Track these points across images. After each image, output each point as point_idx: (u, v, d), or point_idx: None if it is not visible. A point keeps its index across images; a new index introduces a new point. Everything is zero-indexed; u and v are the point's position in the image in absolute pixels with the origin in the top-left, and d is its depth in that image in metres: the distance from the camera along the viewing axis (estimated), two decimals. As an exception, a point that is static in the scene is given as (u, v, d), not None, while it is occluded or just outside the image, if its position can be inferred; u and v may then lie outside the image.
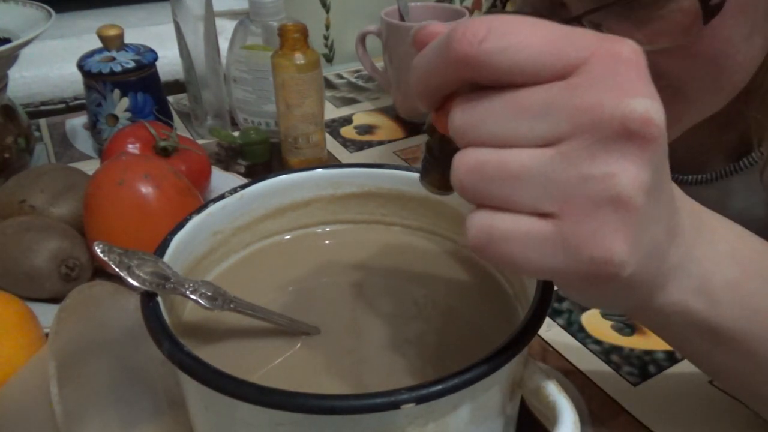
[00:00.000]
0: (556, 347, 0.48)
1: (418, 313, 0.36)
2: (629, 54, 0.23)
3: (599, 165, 0.22)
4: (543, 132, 0.23)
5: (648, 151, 0.22)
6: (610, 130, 0.22)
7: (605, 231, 0.22)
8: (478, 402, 0.28)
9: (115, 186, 0.50)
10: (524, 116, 0.23)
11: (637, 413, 0.43)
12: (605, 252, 0.23)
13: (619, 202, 0.22)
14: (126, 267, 0.30)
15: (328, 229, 0.42)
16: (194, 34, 0.75)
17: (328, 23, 1.15)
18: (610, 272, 0.23)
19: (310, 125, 0.68)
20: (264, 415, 0.26)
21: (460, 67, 0.23)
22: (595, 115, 0.22)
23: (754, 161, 0.52)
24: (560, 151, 0.22)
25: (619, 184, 0.22)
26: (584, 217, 0.22)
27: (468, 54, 0.22)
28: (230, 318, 0.34)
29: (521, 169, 0.23)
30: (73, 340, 0.37)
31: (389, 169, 0.40)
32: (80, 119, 0.86)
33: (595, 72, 0.22)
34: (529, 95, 0.23)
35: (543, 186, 0.23)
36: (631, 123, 0.22)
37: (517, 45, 0.22)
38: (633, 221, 0.23)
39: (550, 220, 0.23)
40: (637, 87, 0.22)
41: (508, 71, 0.23)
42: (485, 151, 0.23)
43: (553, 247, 0.23)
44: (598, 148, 0.22)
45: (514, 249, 0.23)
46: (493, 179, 0.23)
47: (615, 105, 0.22)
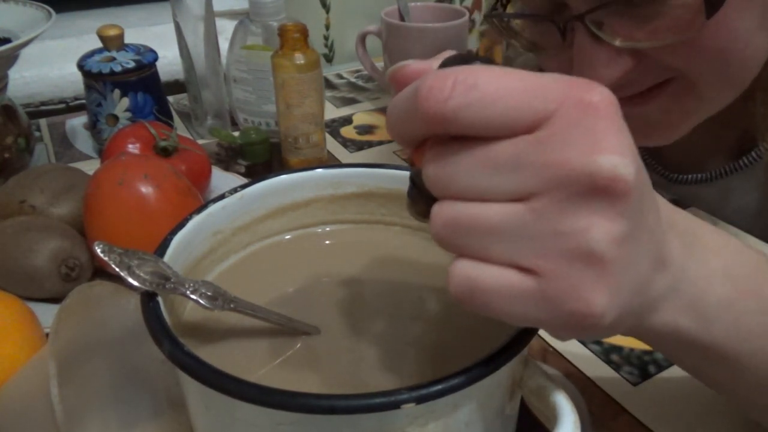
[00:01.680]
0: (556, 347, 0.48)
1: (418, 313, 0.36)
2: (598, 103, 0.22)
3: (570, 221, 0.22)
4: (513, 187, 0.23)
5: (618, 205, 0.22)
6: (578, 187, 0.22)
7: (582, 286, 0.22)
8: (478, 402, 0.28)
9: (115, 186, 0.50)
10: (493, 171, 0.23)
11: (637, 413, 0.43)
12: (584, 306, 0.23)
13: (593, 257, 0.22)
14: (126, 267, 0.30)
15: (328, 229, 0.42)
16: (194, 34, 0.75)
17: (328, 23, 1.15)
18: (591, 323, 0.23)
19: (310, 125, 0.68)
20: (264, 415, 0.26)
21: (428, 123, 0.23)
22: (562, 172, 0.22)
23: (753, 160, 0.52)
24: (531, 207, 0.22)
25: (591, 240, 0.22)
26: (560, 272, 0.22)
27: (434, 112, 0.22)
28: (230, 318, 0.34)
29: (495, 225, 0.23)
30: (73, 340, 0.37)
31: (389, 169, 0.40)
32: (80, 119, 0.86)
33: (563, 125, 0.22)
34: (498, 150, 0.23)
35: (519, 242, 0.23)
36: (599, 181, 0.22)
37: (483, 100, 0.22)
38: (609, 273, 0.23)
39: (530, 275, 0.23)
40: (605, 141, 0.22)
41: (476, 127, 0.23)
42: (459, 205, 0.24)
43: (533, 301, 0.23)
44: (568, 205, 0.22)
45: (495, 302, 0.24)
46: (468, 233, 0.23)
47: (582, 162, 0.22)
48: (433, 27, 0.79)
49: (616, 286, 0.23)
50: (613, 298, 0.23)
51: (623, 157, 0.22)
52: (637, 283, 0.25)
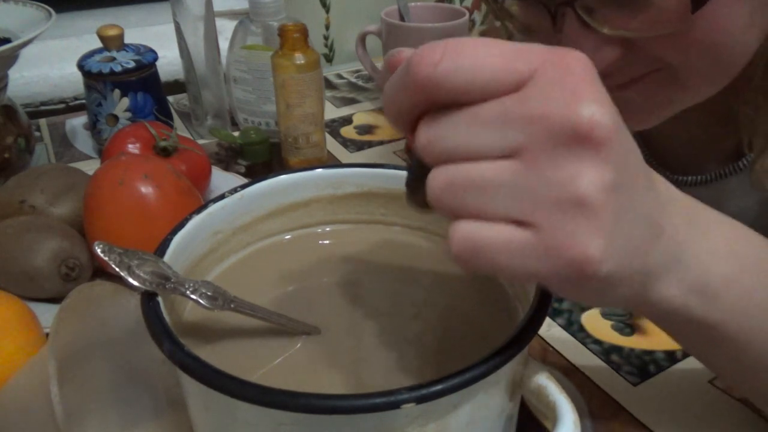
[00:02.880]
0: (556, 347, 0.48)
1: (418, 313, 0.36)
2: (575, 62, 0.24)
3: (558, 171, 0.23)
4: (501, 143, 0.24)
5: (602, 151, 0.23)
6: (562, 137, 0.23)
7: (577, 232, 0.23)
8: (478, 402, 0.28)
9: (115, 186, 0.50)
10: (482, 129, 0.24)
11: (636, 413, 0.43)
12: (580, 251, 0.23)
13: (584, 204, 0.23)
14: (126, 267, 0.30)
15: (328, 229, 0.42)
16: (194, 34, 0.75)
17: (328, 23, 1.15)
18: (589, 270, 0.24)
19: (310, 125, 0.68)
20: (264, 415, 0.26)
21: (421, 90, 0.24)
22: (546, 123, 0.23)
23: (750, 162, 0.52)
24: (521, 160, 0.24)
25: (580, 187, 0.23)
26: (555, 222, 0.23)
27: (425, 76, 0.24)
28: (230, 318, 0.34)
29: (487, 181, 0.24)
30: (73, 340, 0.37)
31: (389, 169, 0.40)
32: (80, 119, 0.86)
33: (544, 82, 0.23)
34: (485, 109, 0.24)
35: (511, 196, 0.24)
36: (580, 128, 0.23)
37: (470, 63, 0.24)
38: (603, 219, 0.23)
39: (527, 227, 0.24)
40: (583, 92, 0.23)
41: (464, 89, 0.24)
42: (453, 167, 0.25)
43: (533, 253, 0.24)
44: (554, 155, 0.23)
45: (496, 257, 0.24)
46: (464, 193, 0.24)
47: (562, 112, 0.23)
48: (433, 27, 0.79)
49: (611, 233, 0.24)
50: (608, 243, 0.24)
51: (600, 105, 0.23)
52: (632, 243, 0.25)
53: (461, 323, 0.36)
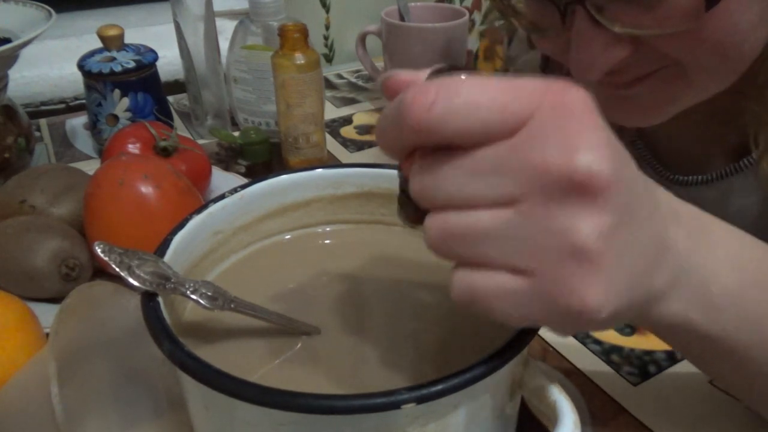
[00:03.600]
0: (556, 347, 0.48)
1: (418, 313, 0.36)
2: (573, 103, 0.23)
3: (555, 220, 0.23)
4: (497, 192, 0.23)
5: (599, 200, 0.23)
6: (558, 187, 0.22)
7: (574, 282, 0.23)
8: (478, 402, 0.28)
9: (115, 186, 0.50)
10: (476, 178, 0.24)
11: (637, 413, 0.43)
12: (578, 301, 0.23)
13: (581, 253, 0.23)
14: (126, 267, 0.30)
15: (329, 229, 0.42)
16: (194, 34, 0.75)
17: (328, 23, 1.15)
18: (586, 317, 0.23)
19: (310, 125, 0.68)
20: (264, 415, 0.26)
21: (413, 133, 0.24)
22: (542, 174, 0.22)
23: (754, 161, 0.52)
24: (517, 210, 0.23)
25: (577, 236, 0.22)
26: (553, 271, 0.23)
27: (418, 121, 0.23)
28: (230, 318, 0.34)
29: (482, 231, 0.24)
30: (73, 340, 0.37)
31: (389, 169, 0.40)
32: (80, 119, 0.86)
33: (540, 127, 0.23)
34: (480, 157, 0.23)
35: (509, 245, 0.23)
36: (576, 179, 0.22)
37: (465, 107, 0.23)
38: (600, 267, 0.23)
39: (524, 276, 0.24)
40: (580, 139, 0.22)
41: (458, 135, 0.23)
42: (449, 215, 0.24)
43: (529, 301, 0.24)
44: (551, 205, 0.23)
45: (495, 305, 0.24)
46: (460, 241, 0.24)
47: (558, 163, 0.22)
48: (433, 27, 0.79)
49: (610, 279, 0.23)
50: (608, 291, 0.23)
51: (598, 153, 0.22)
52: (635, 274, 0.25)
53: (461, 323, 0.36)
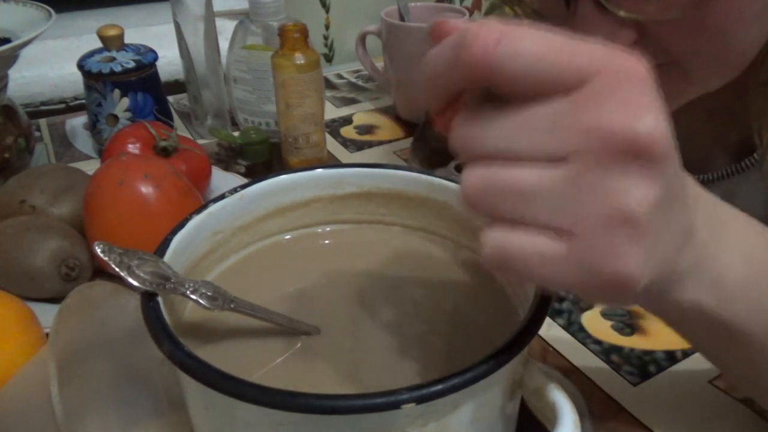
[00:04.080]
0: (556, 347, 0.48)
1: (418, 313, 0.36)
2: (637, 70, 0.23)
3: (609, 184, 0.22)
4: (550, 149, 0.23)
5: (656, 168, 0.22)
6: (617, 150, 0.22)
7: (620, 249, 0.23)
8: (478, 402, 0.28)
9: (115, 186, 0.50)
10: (530, 132, 0.23)
11: (637, 413, 0.43)
12: (621, 269, 0.23)
13: (632, 221, 0.22)
14: (126, 267, 0.30)
15: (328, 229, 0.42)
16: (194, 34, 0.75)
17: (328, 23, 1.15)
18: (626, 287, 0.23)
19: (310, 125, 0.68)
20: (264, 415, 0.26)
21: (472, 70, 0.23)
22: (602, 135, 0.22)
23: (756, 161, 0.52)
24: (569, 169, 0.23)
25: (631, 203, 0.22)
26: (598, 235, 0.23)
27: (481, 57, 0.22)
28: (230, 318, 0.34)
29: (531, 188, 0.23)
30: (73, 340, 0.37)
31: (389, 169, 0.40)
32: (80, 119, 0.86)
33: (603, 88, 0.22)
34: (536, 111, 0.23)
35: (554, 204, 0.23)
36: (638, 143, 0.22)
37: (530, 51, 0.22)
38: (646, 237, 0.23)
39: (565, 238, 0.23)
40: (643, 105, 0.22)
41: (521, 78, 0.23)
42: (494, 167, 0.23)
43: (568, 265, 0.23)
44: (606, 168, 0.22)
45: (529, 267, 0.24)
46: (503, 197, 0.23)
47: (622, 125, 0.22)
48: (433, 27, 0.79)
49: (650, 253, 0.23)
50: (647, 264, 0.23)
51: (661, 122, 0.22)
52: (669, 251, 0.25)
53: (461, 323, 0.36)
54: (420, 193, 0.40)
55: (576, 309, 0.52)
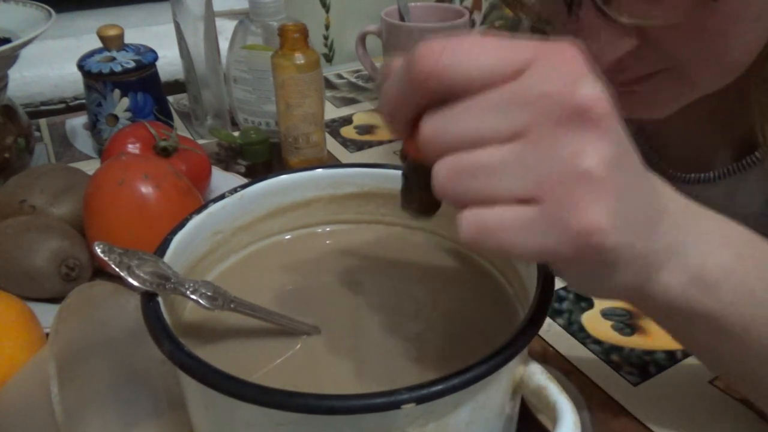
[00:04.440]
0: (556, 347, 0.48)
1: (418, 313, 0.36)
2: (569, 50, 0.25)
3: (561, 146, 0.24)
4: (505, 127, 0.25)
5: (602, 126, 0.24)
6: (564, 114, 0.24)
7: (582, 203, 0.24)
8: (478, 402, 0.28)
9: (115, 186, 0.50)
10: (485, 115, 0.25)
11: (637, 413, 0.43)
12: (587, 222, 0.24)
13: (589, 175, 0.24)
14: (126, 267, 0.30)
15: (328, 229, 0.42)
16: (194, 34, 0.75)
17: (328, 23, 1.15)
18: (594, 240, 0.24)
19: (310, 125, 0.68)
20: (264, 415, 0.26)
21: (422, 84, 0.25)
22: (548, 102, 0.24)
23: (757, 159, 0.52)
24: (526, 140, 0.25)
25: (584, 160, 0.24)
26: (561, 195, 0.24)
27: (428, 71, 0.25)
28: (230, 318, 0.34)
29: (495, 163, 0.25)
30: (73, 340, 0.37)
31: (389, 169, 0.40)
32: (80, 119, 0.86)
33: (542, 67, 0.25)
34: (487, 97, 0.25)
35: (518, 174, 0.25)
36: (581, 104, 0.24)
37: (470, 56, 0.25)
38: (605, 191, 0.24)
39: (532, 205, 0.25)
40: (580, 73, 0.25)
41: (466, 80, 0.25)
42: (458, 155, 0.25)
43: (538, 228, 0.25)
44: (558, 132, 0.24)
45: (504, 237, 0.25)
46: (470, 177, 0.25)
47: (564, 90, 0.24)
48: (433, 27, 0.79)
49: (614, 208, 0.25)
50: (612, 218, 0.24)
51: (598, 85, 0.25)
52: (637, 219, 0.27)
53: (461, 323, 0.36)
54: (420, 193, 0.40)
55: (576, 309, 0.52)
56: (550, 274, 0.31)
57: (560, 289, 0.54)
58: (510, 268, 0.37)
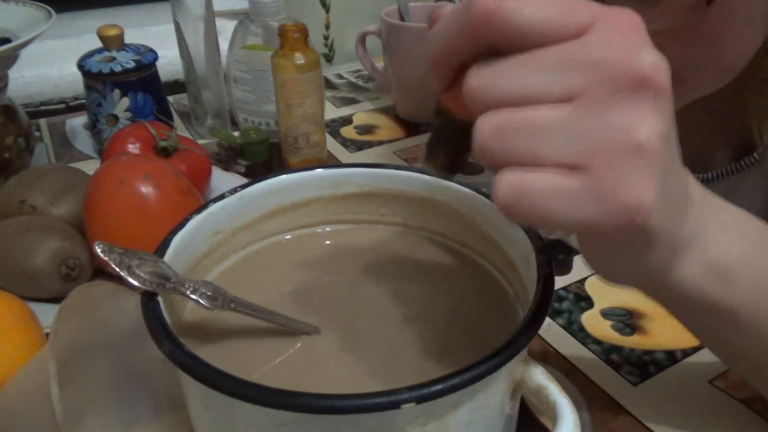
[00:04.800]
0: (556, 347, 0.48)
1: (418, 313, 0.36)
2: (631, 18, 0.24)
3: (619, 115, 0.23)
4: (560, 87, 0.24)
5: (661, 98, 0.24)
6: (624, 81, 0.23)
7: (632, 178, 0.23)
8: (478, 402, 0.28)
9: (115, 186, 0.50)
10: (540, 72, 0.24)
11: (637, 413, 0.43)
12: (635, 198, 0.23)
13: (643, 149, 0.23)
14: (126, 267, 0.30)
15: (328, 229, 0.42)
16: (194, 34, 0.75)
17: (328, 23, 1.15)
18: (639, 219, 0.24)
19: (310, 125, 0.68)
20: (264, 415, 0.26)
21: (480, 26, 0.24)
22: (609, 67, 0.23)
23: (756, 160, 0.52)
24: (580, 104, 0.23)
25: (641, 132, 0.23)
26: (611, 166, 0.23)
27: (489, 11, 0.23)
28: (230, 318, 0.34)
29: (544, 124, 0.24)
30: (73, 340, 0.37)
31: (389, 169, 0.40)
32: (80, 119, 0.86)
33: (605, 30, 0.24)
34: (545, 53, 0.24)
35: (567, 139, 0.23)
36: (643, 73, 0.23)
37: (534, 4, 0.23)
38: (656, 168, 0.23)
39: (578, 172, 0.24)
40: (643, 42, 0.24)
41: (527, 29, 0.24)
42: (505, 112, 0.24)
43: (583, 199, 0.24)
44: (615, 99, 0.23)
45: (544, 203, 0.24)
46: (516, 137, 0.24)
47: (626, 57, 0.23)
48: (433, 27, 0.79)
49: (661, 186, 0.24)
50: (658, 197, 0.24)
51: (661, 57, 0.24)
52: (674, 198, 0.26)
53: (461, 323, 0.36)
54: (420, 193, 0.40)
55: (576, 309, 0.52)
56: (550, 275, 0.31)
57: (560, 289, 0.54)
58: (510, 268, 0.37)
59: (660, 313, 0.50)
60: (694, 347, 0.48)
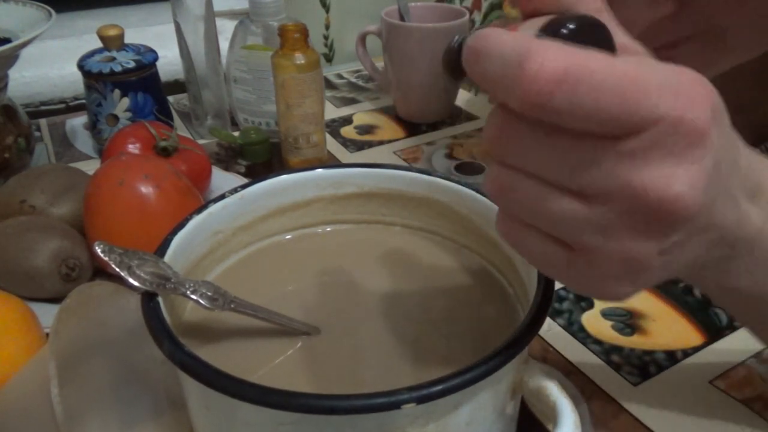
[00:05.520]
0: (556, 347, 0.48)
1: (418, 313, 0.36)
2: (696, 125, 0.22)
3: (628, 233, 0.23)
4: (578, 184, 0.23)
5: (673, 231, 0.23)
6: (643, 208, 0.22)
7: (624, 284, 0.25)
8: (478, 402, 0.28)
9: (115, 186, 0.50)
10: (564, 162, 0.23)
11: (637, 413, 0.43)
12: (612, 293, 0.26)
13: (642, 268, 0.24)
14: (126, 267, 0.30)
15: (329, 229, 0.42)
16: (194, 34, 0.75)
17: (328, 23, 1.15)
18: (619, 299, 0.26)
19: (310, 125, 0.68)
20: (265, 415, 0.26)
21: (523, 104, 0.22)
22: (634, 191, 0.22)
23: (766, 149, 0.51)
24: (592, 209, 0.23)
25: (639, 256, 0.24)
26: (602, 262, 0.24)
27: (535, 102, 0.21)
28: (230, 318, 0.34)
29: (548, 212, 0.24)
30: (73, 340, 0.37)
31: (389, 169, 0.40)
32: (80, 119, 0.86)
33: (652, 142, 0.22)
34: (581, 145, 0.22)
35: (568, 228, 0.24)
36: (664, 206, 0.22)
37: (589, 104, 0.21)
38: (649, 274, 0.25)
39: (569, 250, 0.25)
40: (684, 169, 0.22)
41: (570, 122, 0.22)
42: (519, 178, 0.24)
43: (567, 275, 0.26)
44: (628, 218, 0.23)
45: (533, 263, 0.27)
46: (520, 206, 0.25)
47: (656, 190, 0.22)
48: (433, 27, 0.79)
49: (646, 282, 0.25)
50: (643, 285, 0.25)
51: (694, 187, 0.22)
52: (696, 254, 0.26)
53: (461, 323, 0.36)
54: (420, 193, 0.40)
55: (576, 309, 0.52)
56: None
57: (560, 289, 0.54)
58: (510, 268, 0.37)
59: (660, 313, 0.50)
60: (694, 347, 0.48)
